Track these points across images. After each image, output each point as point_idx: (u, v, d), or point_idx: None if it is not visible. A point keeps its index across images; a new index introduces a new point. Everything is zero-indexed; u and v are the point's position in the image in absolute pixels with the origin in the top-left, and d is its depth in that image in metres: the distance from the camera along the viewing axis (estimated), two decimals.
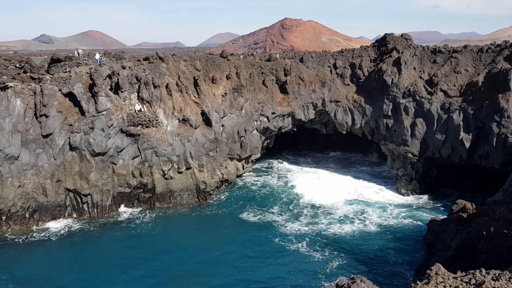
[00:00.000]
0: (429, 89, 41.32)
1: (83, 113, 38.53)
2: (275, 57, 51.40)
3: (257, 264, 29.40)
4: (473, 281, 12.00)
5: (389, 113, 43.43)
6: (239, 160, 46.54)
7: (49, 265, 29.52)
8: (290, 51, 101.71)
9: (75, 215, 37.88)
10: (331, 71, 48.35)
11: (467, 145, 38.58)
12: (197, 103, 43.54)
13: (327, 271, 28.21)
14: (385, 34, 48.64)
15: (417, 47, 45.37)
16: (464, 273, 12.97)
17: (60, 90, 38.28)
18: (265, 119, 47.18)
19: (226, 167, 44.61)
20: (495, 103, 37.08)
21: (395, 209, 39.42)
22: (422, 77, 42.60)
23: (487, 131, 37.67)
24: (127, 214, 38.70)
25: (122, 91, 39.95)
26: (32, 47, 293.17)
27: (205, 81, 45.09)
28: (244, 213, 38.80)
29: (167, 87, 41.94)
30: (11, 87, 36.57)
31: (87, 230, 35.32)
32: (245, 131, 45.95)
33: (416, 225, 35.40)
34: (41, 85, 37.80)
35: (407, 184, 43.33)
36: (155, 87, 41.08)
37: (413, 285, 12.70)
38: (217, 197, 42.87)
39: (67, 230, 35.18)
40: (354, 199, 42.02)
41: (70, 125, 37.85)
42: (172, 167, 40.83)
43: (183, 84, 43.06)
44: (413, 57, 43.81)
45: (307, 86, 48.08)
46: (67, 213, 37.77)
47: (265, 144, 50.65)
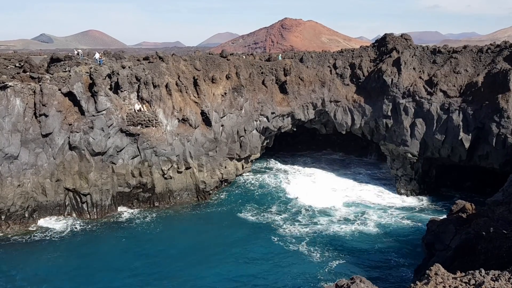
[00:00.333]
0: (429, 89, 41.33)
1: (82, 112, 38.51)
2: (277, 58, 51.11)
3: (256, 264, 29.41)
4: (472, 282, 12.00)
5: (389, 113, 43.44)
6: (239, 160, 46.55)
7: (47, 264, 29.50)
8: (290, 51, 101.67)
9: (74, 215, 37.85)
10: (330, 71, 48.35)
11: (467, 145, 38.60)
12: (196, 103, 43.53)
13: (327, 271, 28.23)
14: (385, 34, 48.71)
15: (417, 47, 45.38)
16: (463, 274, 12.97)
17: (59, 89, 38.25)
18: (265, 119, 47.18)
19: (225, 167, 44.63)
20: (494, 104, 37.11)
21: (394, 209, 39.43)
22: (421, 77, 42.61)
23: (486, 132, 37.69)
24: (126, 213, 38.69)
25: (121, 91, 39.92)
26: (31, 47, 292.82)
27: (205, 81, 45.08)
28: (243, 212, 38.85)
29: (166, 86, 41.92)
30: (10, 86, 36.51)
31: (87, 229, 35.31)
32: (245, 131, 45.95)
33: (415, 226, 35.43)
34: (40, 85, 37.77)
35: (407, 184, 43.35)
36: (154, 86, 41.06)
37: (412, 285, 12.71)
38: (216, 197, 42.89)
39: (66, 229, 35.15)
40: (353, 199, 42.02)
41: (69, 125, 37.82)
42: (171, 166, 40.84)
43: (182, 83, 43.05)
44: (412, 57, 43.81)
45: (306, 86, 48.07)
46: (66, 213, 37.76)
47: (265, 144, 50.66)
